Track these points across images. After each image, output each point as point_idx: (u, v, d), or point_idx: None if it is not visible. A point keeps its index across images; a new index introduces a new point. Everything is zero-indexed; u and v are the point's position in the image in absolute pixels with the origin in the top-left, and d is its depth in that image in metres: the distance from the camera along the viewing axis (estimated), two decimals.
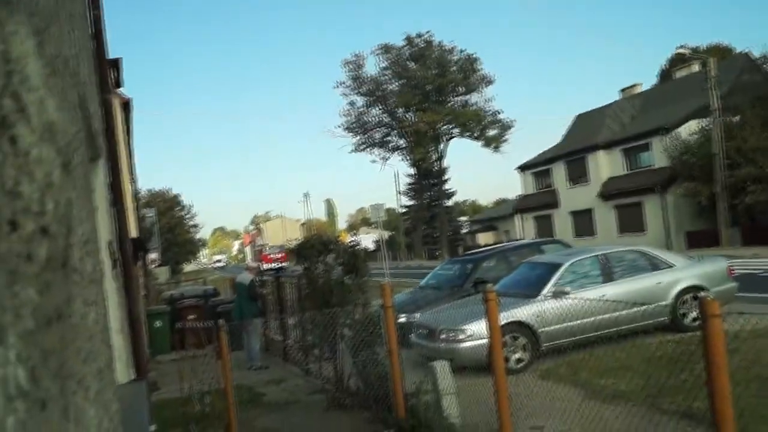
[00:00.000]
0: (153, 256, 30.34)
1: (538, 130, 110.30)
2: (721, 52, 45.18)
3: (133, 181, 17.44)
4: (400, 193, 61.07)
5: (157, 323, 14.34)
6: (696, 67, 37.46)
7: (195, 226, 66.27)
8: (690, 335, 4.35)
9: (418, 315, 10.67)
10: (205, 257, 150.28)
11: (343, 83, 58.16)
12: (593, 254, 10.46)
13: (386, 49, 56.41)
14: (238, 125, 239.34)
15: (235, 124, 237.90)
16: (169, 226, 54.54)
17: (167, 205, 56.12)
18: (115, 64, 12.54)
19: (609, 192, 37.45)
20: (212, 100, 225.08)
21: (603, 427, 5.60)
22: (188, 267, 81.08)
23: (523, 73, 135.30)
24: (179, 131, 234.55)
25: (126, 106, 15.32)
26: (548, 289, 9.54)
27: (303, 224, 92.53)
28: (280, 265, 43.99)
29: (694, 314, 9.63)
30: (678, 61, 42.28)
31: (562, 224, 41.33)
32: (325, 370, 9.14)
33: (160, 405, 8.77)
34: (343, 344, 8.22)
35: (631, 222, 36.07)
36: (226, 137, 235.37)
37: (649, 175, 35.10)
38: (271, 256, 54.45)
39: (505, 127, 56.54)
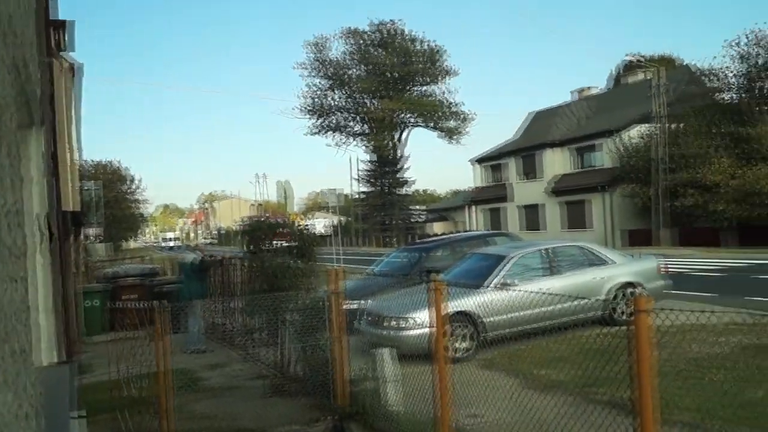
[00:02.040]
0: (93, 231, 29.44)
1: (493, 125, 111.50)
2: (667, 63, 46.51)
3: (76, 151, 16.78)
4: (356, 178, 61.01)
5: (92, 302, 13.85)
6: (644, 75, 38.56)
7: (138, 201, 63.75)
8: (623, 329, 4.46)
9: (367, 302, 10.65)
10: (152, 234, 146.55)
11: (304, 64, 57.66)
12: (538, 248, 10.67)
13: (351, 33, 56.01)
14: (193, 102, 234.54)
15: (189, 100, 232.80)
16: (115, 199, 52.59)
17: (109, 178, 53.13)
18: (63, 25, 12.00)
19: (558, 188, 38.27)
20: (168, 76, 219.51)
21: (535, 415, 5.70)
22: (133, 244, 78.85)
23: (480, 69, 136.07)
24: (133, 104, 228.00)
25: (73, 71, 14.63)
26: (494, 280, 9.66)
27: (257, 205, 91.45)
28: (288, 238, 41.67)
29: (626, 309, 9.92)
30: (629, 67, 43.36)
31: (513, 217, 42.02)
32: (268, 356, 9.03)
33: (91, 388, 8.50)
34: (288, 329, 8.14)
35: (577, 218, 36.96)
36: (180, 114, 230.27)
37: (596, 174, 36.06)
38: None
39: (464, 119, 57.01)
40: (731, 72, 30.62)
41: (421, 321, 8.32)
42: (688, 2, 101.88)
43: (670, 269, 14.20)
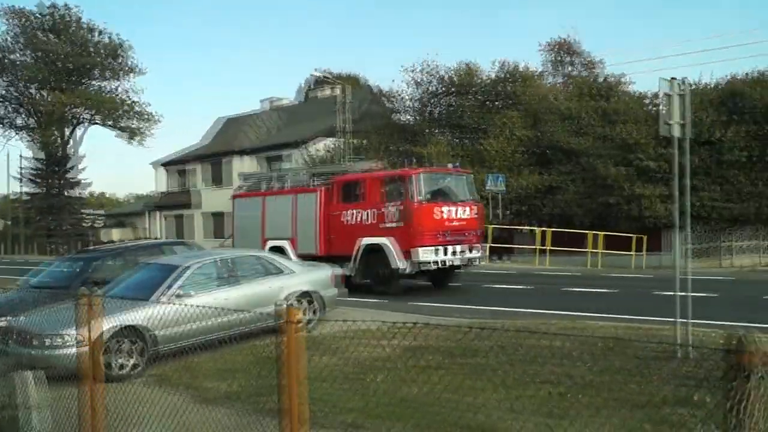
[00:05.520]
0: None
1: (177, 128, 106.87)
2: (352, 81, 50.39)
3: None
4: (19, 178, 54.06)
5: None
6: (330, 91, 41.19)
7: None
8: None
9: (20, 318, 9.44)
10: None
11: None
12: (214, 258, 10.60)
13: (16, 13, 49.67)
14: None
15: None
16: None
17: None
18: None
19: None
20: None
21: (200, 430, 5.63)
22: None
23: (167, 70, 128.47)
24: None
25: None
26: (167, 291, 9.32)
27: None
28: (471, 234, 15.93)
29: (302, 316, 10.34)
30: (319, 82, 45.87)
31: (200, 225, 41.32)
32: None
33: None
34: None
35: None
36: None
37: None
38: (449, 212, 15.66)
39: (149, 120, 54.25)
40: (407, 95, 34.24)
41: (78, 338, 7.66)
42: (375, 25, 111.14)
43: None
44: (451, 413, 5.78)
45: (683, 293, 7.28)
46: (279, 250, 16.77)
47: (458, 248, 15.28)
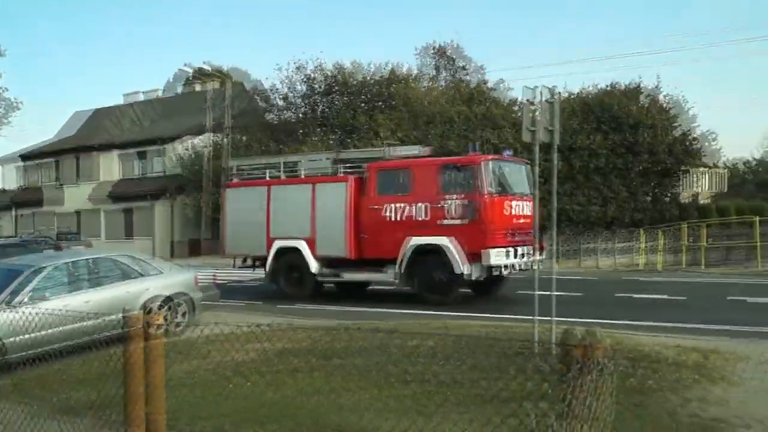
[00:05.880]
0: None
1: (31, 121, 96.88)
2: (225, 77, 49.06)
3: None
4: None
5: None
6: (200, 86, 40.03)
7: None
8: (151, 343, 4.37)
9: None
10: None
11: None
12: (65, 261, 10.00)
13: None
14: None
15: None
16: None
17: None
18: None
19: (115, 194, 36.90)
20: None
21: None
22: None
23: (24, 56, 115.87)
24: None
25: None
26: (17, 295, 8.74)
27: None
28: (530, 233, 12.98)
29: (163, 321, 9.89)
30: (195, 77, 44.46)
31: (67, 222, 38.86)
32: None
33: None
34: None
35: (135, 225, 36.27)
36: None
37: (157, 181, 35.86)
38: (516, 208, 13.62)
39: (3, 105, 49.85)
40: (282, 94, 33.93)
41: None
42: (248, 20, 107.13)
43: (220, 278, 14.89)
44: (321, 415, 5.74)
45: (548, 293, 7.58)
46: (292, 252, 14.67)
47: (524, 250, 13.34)
